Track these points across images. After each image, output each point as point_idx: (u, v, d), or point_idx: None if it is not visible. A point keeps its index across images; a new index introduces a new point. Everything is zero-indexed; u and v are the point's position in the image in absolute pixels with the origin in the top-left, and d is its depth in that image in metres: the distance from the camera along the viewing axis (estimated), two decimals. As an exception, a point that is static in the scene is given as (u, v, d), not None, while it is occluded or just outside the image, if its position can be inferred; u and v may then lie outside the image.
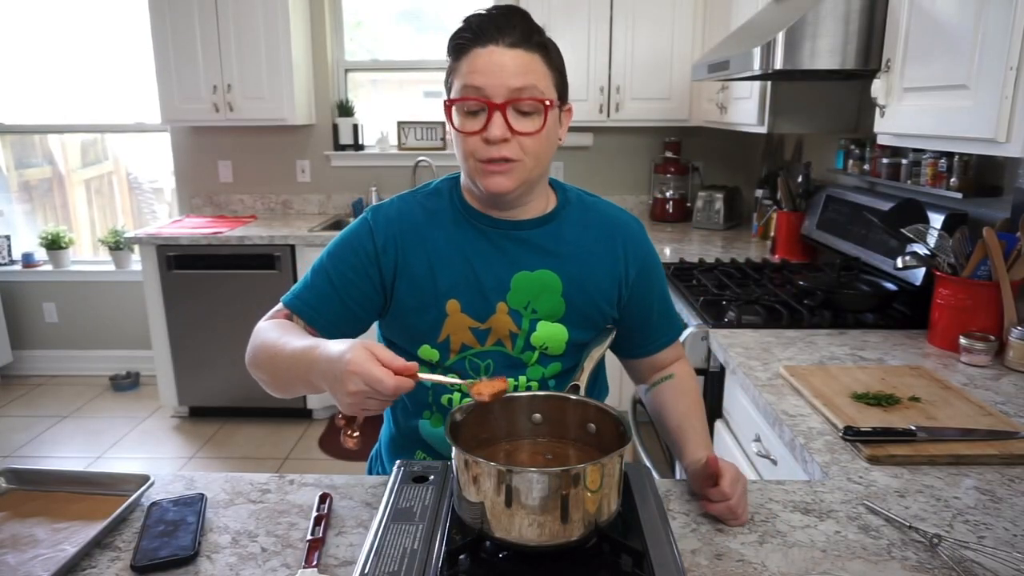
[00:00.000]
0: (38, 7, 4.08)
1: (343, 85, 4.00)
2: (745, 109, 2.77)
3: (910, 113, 1.58)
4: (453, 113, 1.06)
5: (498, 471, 0.79)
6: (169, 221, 3.82)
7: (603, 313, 1.18)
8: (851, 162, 2.43)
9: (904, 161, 2.09)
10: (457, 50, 1.05)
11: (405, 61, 4.03)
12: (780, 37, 1.80)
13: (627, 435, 0.88)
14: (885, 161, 2.17)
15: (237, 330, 3.56)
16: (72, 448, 3.41)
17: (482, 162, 1.04)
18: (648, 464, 2.20)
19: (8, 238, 4.24)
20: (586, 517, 0.81)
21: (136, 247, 4.00)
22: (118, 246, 4.16)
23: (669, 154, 3.77)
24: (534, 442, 0.98)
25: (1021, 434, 1.21)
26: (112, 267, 4.22)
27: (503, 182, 1.05)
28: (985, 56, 1.32)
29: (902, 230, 1.78)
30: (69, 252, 4.22)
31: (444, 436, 0.88)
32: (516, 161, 1.04)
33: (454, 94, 1.05)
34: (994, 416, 1.29)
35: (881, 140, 1.74)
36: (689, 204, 3.75)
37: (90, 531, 0.91)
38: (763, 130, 2.65)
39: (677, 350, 1.29)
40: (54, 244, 4.15)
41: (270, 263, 3.41)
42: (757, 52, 1.87)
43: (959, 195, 1.83)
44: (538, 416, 0.99)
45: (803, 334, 1.82)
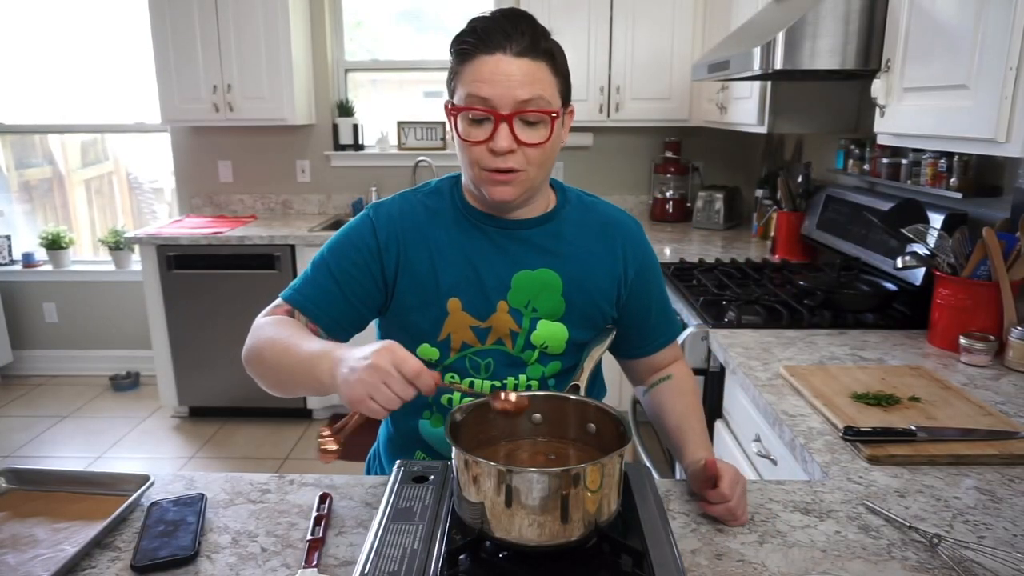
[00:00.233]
0: (38, 7, 4.08)
1: (343, 85, 4.00)
2: (745, 109, 2.77)
3: (910, 113, 1.58)
4: (458, 121, 1.05)
5: (498, 471, 0.79)
6: (169, 221, 3.82)
7: (603, 312, 1.18)
8: (851, 162, 2.43)
9: (904, 161, 2.09)
10: (462, 55, 1.03)
11: (405, 61, 4.03)
12: (780, 37, 1.80)
13: (627, 435, 0.88)
14: (885, 161, 2.17)
15: (237, 330, 3.54)
16: (72, 448, 3.41)
17: (487, 171, 1.04)
18: (648, 464, 2.20)
19: (8, 238, 4.24)
20: (586, 517, 0.81)
21: (136, 247, 4.00)
22: (118, 246, 4.16)
23: (669, 154, 3.77)
24: (534, 442, 0.99)
25: (1021, 434, 1.21)
26: (112, 267, 4.22)
27: (508, 191, 1.05)
28: (985, 56, 1.32)
29: (902, 230, 1.78)
30: (69, 252, 4.22)
31: (444, 436, 0.88)
32: (521, 171, 1.04)
33: (458, 100, 1.04)
34: (994, 416, 1.29)
35: (881, 140, 1.74)
36: (689, 204, 3.75)
37: (90, 531, 0.91)
38: (763, 130, 2.65)
39: (675, 351, 1.29)
40: (54, 244, 4.15)
41: (270, 263, 3.41)
42: (757, 52, 1.87)
43: (959, 195, 1.82)
44: (538, 416, 0.99)
45: (803, 334, 1.82)
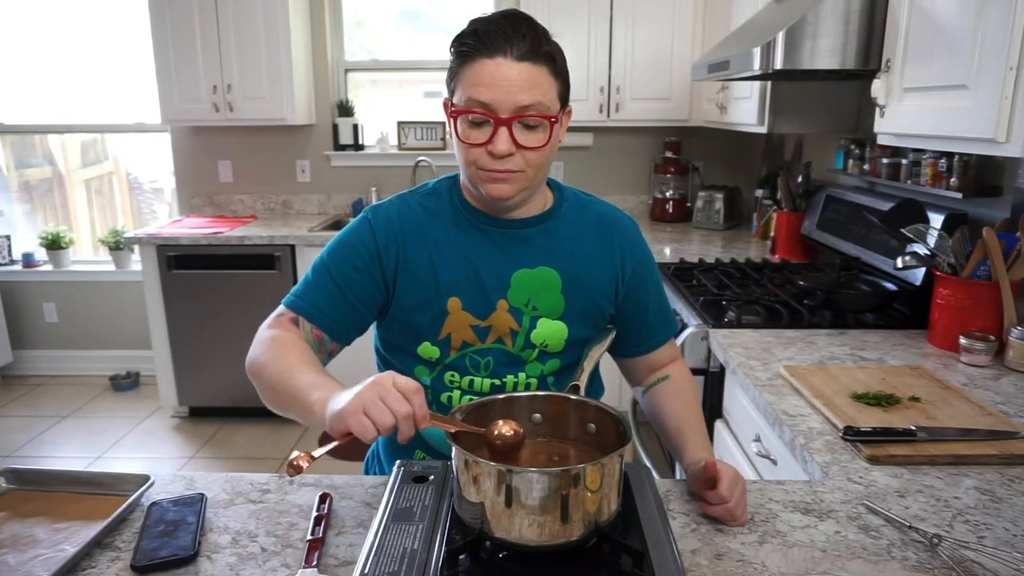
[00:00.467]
0: (38, 7, 4.08)
1: (343, 85, 4.00)
2: (745, 109, 2.77)
3: (910, 113, 1.58)
4: (458, 122, 1.05)
5: (498, 471, 0.79)
6: (169, 221, 3.82)
7: (601, 309, 1.19)
8: (851, 162, 2.43)
9: (904, 161, 2.09)
10: (462, 56, 1.03)
11: (405, 61, 4.03)
12: (780, 37, 1.80)
13: (627, 435, 0.88)
14: (885, 161, 2.17)
15: (237, 330, 3.58)
16: (72, 448, 3.41)
17: (485, 171, 1.05)
18: (648, 464, 2.20)
19: (8, 238, 4.24)
20: (586, 517, 0.81)
21: (136, 247, 4.01)
22: (118, 246, 4.16)
23: (669, 154, 3.77)
24: (534, 442, 0.98)
25: (1021, 434, 1.21)
26: (112, 267, 4.22)
27: (505, 189, 1.06)
28: (985, 56, 1.32)
29: (902, 230, 1.78)
30: (69, 252, 4.22)
31: (444, 435, 0.88)
32: (519, 172, 1.05)
33: (458, 102, 1.04)
34: (994, 416, 1.29)
35: (881, 140, 1.74)
36: (689, 204, 3.75)
37: (90, 531, 0.91)
38: (763, 130, 2.65)
39: (673, 350, 1.30)
40: (54, 244, 4.15)
41: (270, 263, 3.41)
42: (757, 52, 1.87)
43: (959, 195, 1.83)
44: (538, 416, 0.99)
45: (803, 334, 1.81)
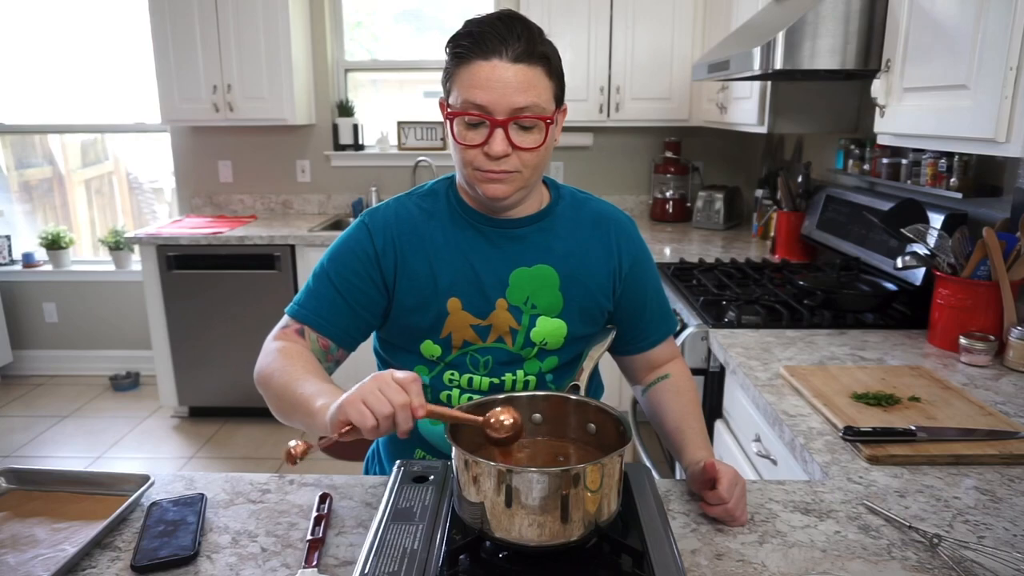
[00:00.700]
0: (38, 7, 4.08)
1: (343, 85, 4.00)
2: (745, 109, 2.77)
3: (910, 113, 1.58)
4: (454, 124, 1.05)
5: (498, 471, 0.79)
6: (169, 221, 3.82)
7: (600, 306, 1.19)
8: (851, 162, 2.43)
9: (904, 161, 2.09)
10: (458, 57, 1.03)
11: (405, 61, 4.03)
12: (780, 37, 1.80)
13: (627, 435, 0.88)
14: (885, 161, 2.17)
15: (237, 330, 3.59)
16: (72, 448, 3.41)
17: (481, 171, 1.05)
18: (648, 464, 2.20)
19: (8, 238, 4.24)
20: (586, 517, 0.81)
21: (136, 247, 4.01)
22: (118, 246, 4.16)
23: (669, 154, 3.77)
24: (534, 441, 0.98)
25: (1021, 434, 1.21)
26: (112, 267, 4.22)
27: (501, 189, 1.06)
28: (985, 56, 1.32)
29: (902, 230, 1.78)
30: (69, 252, 4.22)
31: (443, 434, 0.88)
32: (515, 172, 1.05)
33: (454, 102, 1.04)
34: (994, 416, 1.29)
35: (881, 140, 1.74)
36: (689, 204, 3.75)
37: (90, 531, 0.91)
38: (763, 130, 2.65)
39: (672, 348, 1.30)
40: (54, 244, 4.15)
41: (270, 263, 3.41)
42: (757, 52, 1.87)
43: (959, 195, 1.82)
44: (538, 416, 0.99)
45: (803, 334, 1.82)
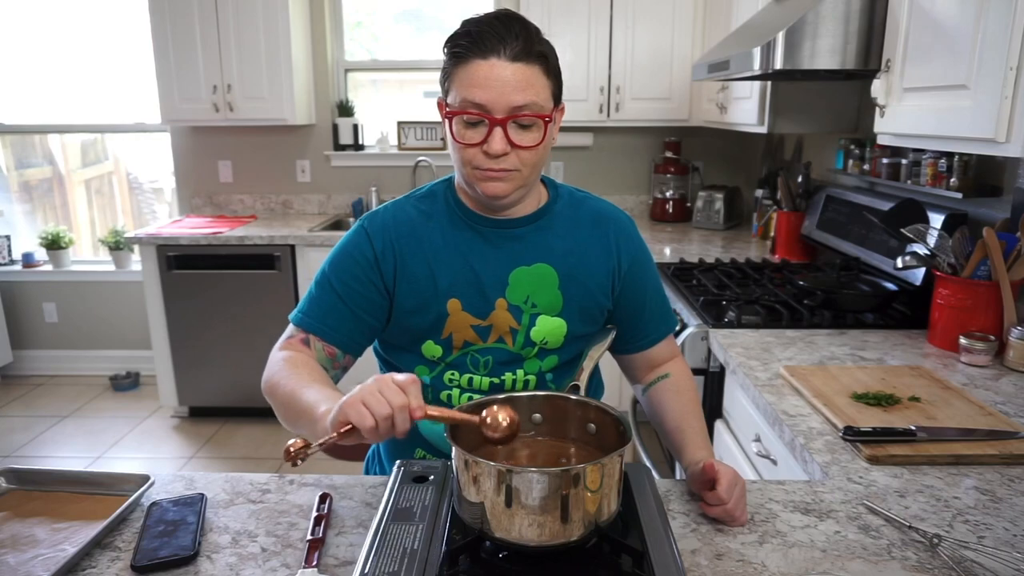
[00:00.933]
0: (38, 7, 4.08)
1: (343, 85, 4.00)
2: (745, 109, 2.77)
3: (910, 113, 1.58)
4: (453, 123, 1.05)
5: (498, 471, 0.79)
6: (169, 221, 3.82)
7: (599, 304, 1.19)
8: (851, 162, 2.43)
9: (904, 161, 2.09)
10: (456, 57, 1.03)
11: (405, 61, 4.03)
12: (780, 37, 1.80)
13: (627, 435, 0.88)
14: (885, 161, 2.17)
15: (237, 330, 3.59)
16: (72, 448, 3.41)
17: (480, 170, 1.05)
18: (648, 464, 2.20)
19: (8, 238, 4.24)
20: (586, 517, 0.81)
21: (136, 247, 4.01)
22: (118, 246, 4.16)
23: (669, 154, 3.77)
24: (534, 441, 0.98)
25: (1021, 434, 1.21)
26: (112, 267, 4.22)
27: (501, 187, 1.07)
28: (985, 56, 1.32)
29: (902, 230, 1.78)
30: (69, 252, 4.22)
31: (444, 433, 0.88)
32: (514, 171, 1.06)
33: (452, 102, 1.05)
34: (994, 416, 1.29)
35: (881, 140, 1.74)
36: (689, 204, 3.75)
37: (90, 531, 0.91)
38: (763, 130, 2.65)
39: (672, 347, 1.30)
40: (54, 244, 4.15)
41: (270, 263, 3.41)
42: (757, 52, 1.87)
43: (959, 195, 1.82)
44: (538, 416, 0.99)
45: (803, 334, 1.82)
